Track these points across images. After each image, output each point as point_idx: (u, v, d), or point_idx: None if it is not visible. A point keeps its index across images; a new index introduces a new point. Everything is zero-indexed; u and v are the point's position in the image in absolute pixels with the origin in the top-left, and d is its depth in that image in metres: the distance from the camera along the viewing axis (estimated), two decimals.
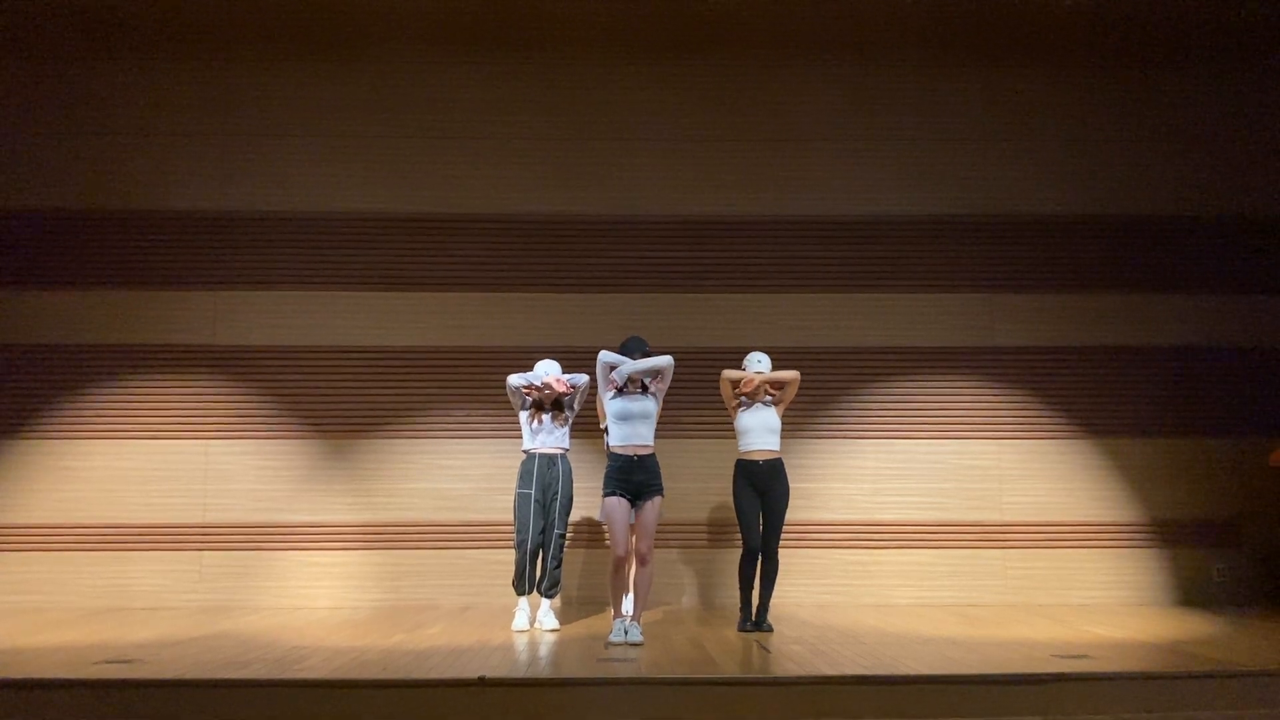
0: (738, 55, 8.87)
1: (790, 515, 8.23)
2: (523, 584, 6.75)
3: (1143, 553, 8.36)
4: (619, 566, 6.27)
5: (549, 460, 6.83)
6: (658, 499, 6.31)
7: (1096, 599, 8.24)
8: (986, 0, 8.86)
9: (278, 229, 8.56)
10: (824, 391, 8.51)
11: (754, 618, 6.73)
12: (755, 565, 6.78)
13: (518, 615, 6.75)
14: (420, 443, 8.36)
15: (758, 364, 6.92)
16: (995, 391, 8.56)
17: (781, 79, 8.87)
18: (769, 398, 6.89)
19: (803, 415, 8.44)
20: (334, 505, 8.27)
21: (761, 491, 6.76)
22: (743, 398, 6.88)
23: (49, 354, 8.35)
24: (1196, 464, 8.47)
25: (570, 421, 6.96)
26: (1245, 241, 8.74)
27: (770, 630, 6.62)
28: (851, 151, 8.80)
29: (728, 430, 7.04)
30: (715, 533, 8.32)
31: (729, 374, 6.89)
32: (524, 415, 6.93)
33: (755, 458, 6.77)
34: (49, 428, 8.28)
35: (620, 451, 6.29)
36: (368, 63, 8.76)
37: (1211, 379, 8.57)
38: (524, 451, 6.90)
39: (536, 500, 6.74)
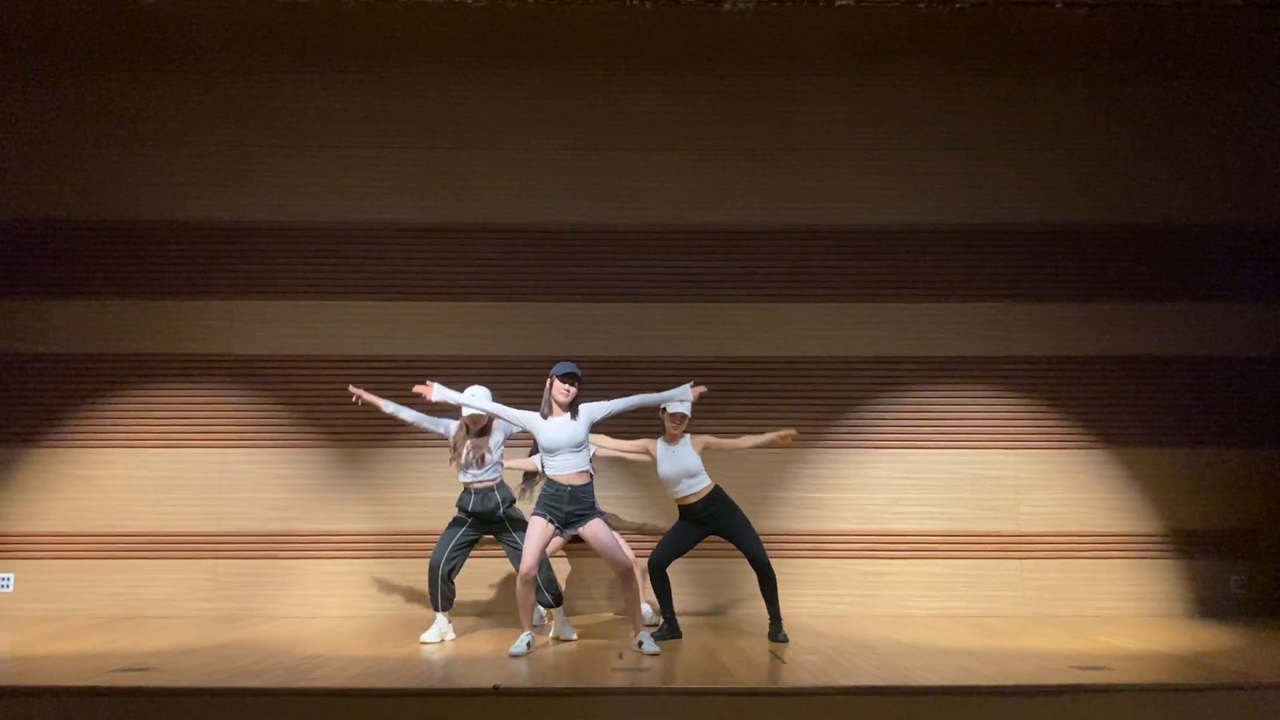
0: (749, 66, 8.87)
1: (805, 525, 8.26)
2: (436, 601, 6.77)
3: (1161, 564, 8.30)
4: (522, 583, 6.15)
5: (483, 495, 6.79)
6: (595, 521, 6.20)
7: (1114, 610, 8.19)
8: (997, 9, 8.85)
9: (293, 239, 8.60)
10: (838, 401, 8.49)
11: (768, 630, 6.72)
12: (663, 579, 6.76)
13: (432, 629, 6.75)
14: (435, 451, 8.34)
15: (680, 404, 6.65)
16: (1011, 401, 8.52)
17: (793, 89, 8.87)
18: (682, 438, 6.76)
19: (818, 425, 8.41)
20: (349, 514, 8.29)
21: (705, 523, 6.74)
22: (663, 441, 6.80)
23: (66, 363, 8.39)
24: (1215, 475, 8.41)
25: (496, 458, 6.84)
26: (1263, 250, 8.68)
27: (785, 641, 6.60)
28: (864, 161, 8.78)
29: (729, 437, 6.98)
30: (724, 542, 8.26)
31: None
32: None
33: (688, 501, 6.74)
34: (66, 436, 8.32)
35: (555, 479, 6.16)
36: (382, 74, 8.79)
37: (1230, 389, 8.51)
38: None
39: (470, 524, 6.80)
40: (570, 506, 6.12)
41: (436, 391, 6.38)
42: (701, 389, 6.47)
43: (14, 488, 8.24)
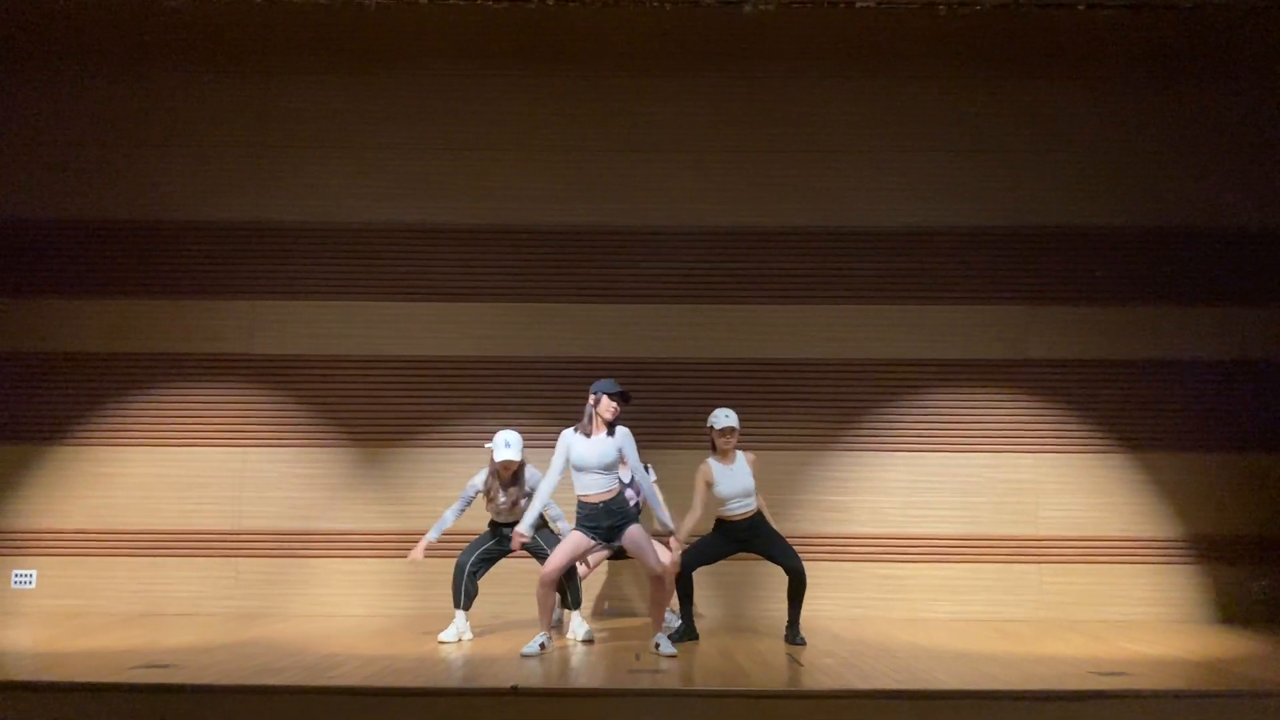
0: (768, 67, 8.86)
1: (821, 529, 8.24)
2: (459, 598, 6.78)
3: (1181, 569, 8.25)
4: (543, 586, 6.19)
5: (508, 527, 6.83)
6: (633, 527, 6.20)
7: (1134, 615, 8.14)
8: (1018, 12, 8.81)
9: (314, 240, 8.64)
10: (856, 404, 8.47)
11: (785, 633, 6.71)
12: (688, 581, 6.75)
13: (450, 628, 6.76)
14: (453, 451, 8.38)
15: (725, 419, 6.75)
16: (1030, 405, 8.47)
17: (812, 91, 8.85)
18: (735, 454, 6.77)
19: (835, 427, 8.41)
20: (368, 513, 8.32)
21: (742, 542, 6.71)
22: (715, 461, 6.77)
23: (88, 361, 8.46)
24: (1236, 479, 8.34)
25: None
26: None
27: (802, 644, 6.58)
28: (883, 163, 8.76)
29: (748, 442, 6.94)
30: None
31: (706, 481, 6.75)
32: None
33: (734, 518, 6.70)
34: (88, 434, 8.38)
35: (584, 499, 6.18)
36: (402, 76, 8.82)
37: (1251, 393, 8.44)
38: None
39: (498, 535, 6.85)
40: (608, 520, 6.14)
41: (526, 529, 6.29)
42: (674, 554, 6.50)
43: (37, 485, 8.31)
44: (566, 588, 6.74)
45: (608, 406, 6.17)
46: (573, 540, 6.17)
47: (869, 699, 4.91)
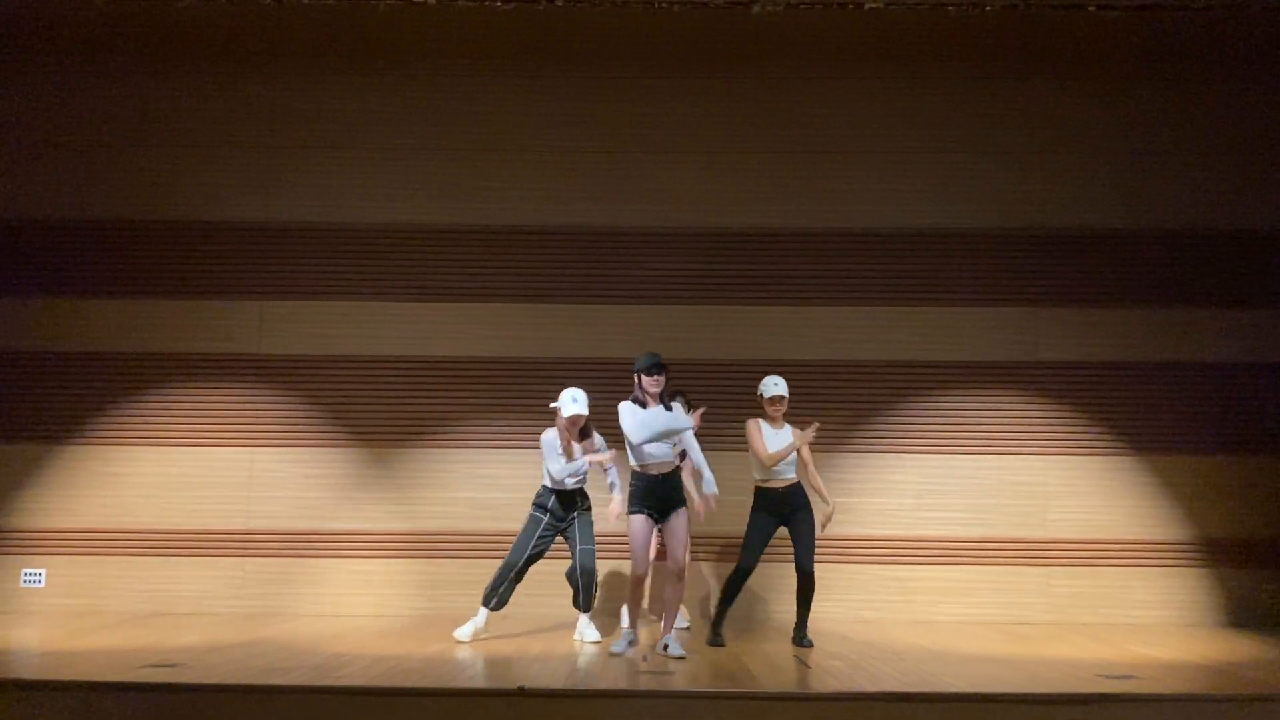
0: (775, 68, 8.84)
1: (830, 530, 8.18)
2: (492, 598, 6.73)
3: (1190, 572, 8.22)
4: (638, 583, 6.29)
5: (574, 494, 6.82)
6: (683, 510, 6.28)
7: (1143, 619, 8.11)
8: (1026, 13, 8.78)
9: (323, 240, 8.64)
10: (864, 406, 8.45)
11: (793, 635, 6.70)
12: (744, 583, 6.73)
13: (467, 625, 6.73)
14: (461, 452, 8.40)
15: (774, 387, 6.78)
16: (1039, 407, 8.45)
17: (820, 92, 8.83)
18: (783, 422, 6.80)
19: (843, 429, 8.39)
20: (375, 513, 8.33)
21: (783, 515, 6.69)
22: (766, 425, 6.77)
23: (98, 361, 8.47)
24: (1246, 482, 8.31)
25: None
26: None
27: (810, 646, 6.57)
28: (891, 164, 8.74)
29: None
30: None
31: (757, 446, 6.72)
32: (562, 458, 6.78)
33: (778, 486, 6.68)
34: (97, 434, 8.40)
35: (644, 471, 6.25)
36: (411, 77, 8.82)
37: (1261, 395, 8.40)
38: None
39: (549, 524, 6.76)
40: (664, 492, 6.23)
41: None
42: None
43: (46, 484, 8.33)
44: (580, 586, 6.71)
45: (649, 381, 6.27)
46: (639, 528, 6.21)
47: (877, 701, 4.91)
